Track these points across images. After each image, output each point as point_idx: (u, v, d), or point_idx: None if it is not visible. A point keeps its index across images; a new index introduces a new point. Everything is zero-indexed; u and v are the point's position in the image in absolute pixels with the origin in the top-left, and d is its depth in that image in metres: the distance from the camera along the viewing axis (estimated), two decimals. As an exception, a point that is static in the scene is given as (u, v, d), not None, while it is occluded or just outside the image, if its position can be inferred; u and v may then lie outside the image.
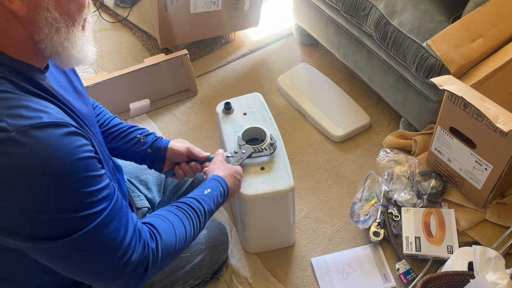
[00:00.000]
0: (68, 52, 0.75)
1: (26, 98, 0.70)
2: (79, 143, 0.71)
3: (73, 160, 0.69)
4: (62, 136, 0.69)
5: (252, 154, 1.22)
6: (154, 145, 1.15)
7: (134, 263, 0.78)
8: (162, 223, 0.87)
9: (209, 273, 1.26)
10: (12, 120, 0.65)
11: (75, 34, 0.75)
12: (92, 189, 0.72)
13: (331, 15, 1.67)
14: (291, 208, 1.29)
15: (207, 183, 1.02)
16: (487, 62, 1.25)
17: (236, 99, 1.39)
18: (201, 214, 0.95)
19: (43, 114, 0.69)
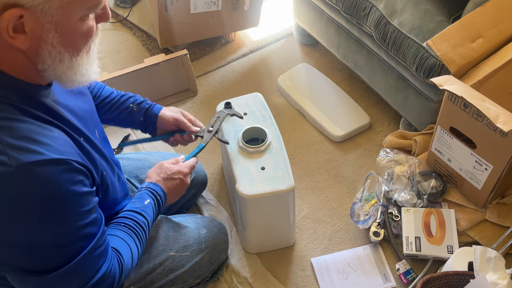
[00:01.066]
0: (71, 79, 0.76)
1: (29, 125, 0.70)
2: (76, 179, 0.73)
3: (72, 196, 0.72)
4: (61, 173, 0.70)
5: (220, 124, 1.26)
6: (146, 113, 1.18)
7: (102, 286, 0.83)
8: (125, 249, 0.91)
9: (208, 272, 1.26)
10: (13, 153, 0.66)
11: (78, 62, 0.75)
12: (84, 222, 0.75)
13: (331, 15, 1.67)
14: (291, 208, 1.29)
15: (145, 193, 1.03)
16: (487, 62, 1.25)
17: (237, 99, 1.39)
18: (146, 227, 0.98)
19: (45, 148, 0.69)
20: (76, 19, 0.70)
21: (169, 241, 1.19)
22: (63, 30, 0.69)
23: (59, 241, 0.73)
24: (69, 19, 0.69)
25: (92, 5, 0.71)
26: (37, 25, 0.67)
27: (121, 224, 0.95)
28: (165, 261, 1.16)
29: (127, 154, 1.42)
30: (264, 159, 1.24)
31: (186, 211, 1.48)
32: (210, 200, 1.53)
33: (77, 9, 0.68)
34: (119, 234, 0.93)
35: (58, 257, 0.74)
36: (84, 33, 0.72)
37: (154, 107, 1.20)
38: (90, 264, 0.79)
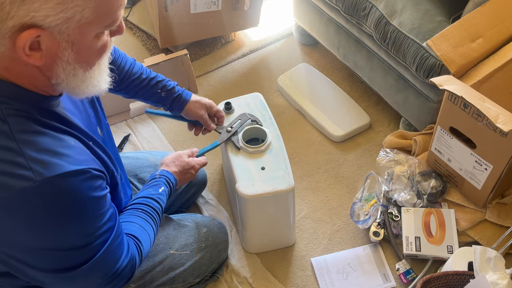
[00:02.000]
0: (83, 91, 0.78)
1: (48, 138, 0.73)
2: (95, 185, 0.77)
3: (92, 202, 0.76)
4: (82, 182, 0.74)
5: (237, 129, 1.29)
6: (174, 102, 1.24)
7: (125, 275, 0.88)
8: (142, 235, 0.96)
9: (208, 271, 1.26)
10: (37, 167, 0.69)
11: (91, 76, 0.76)
12: (102, 222, 0.79)
13: (331, 15, 1.67)
14: (291, 208, 1.29)
15: (160, 181, 1.09)
16: (487, 62, 1.25)
17: (237, 99, 1.39)
18: (160, 213, 1.04)
19: (65, 159, 0.72)
20: (91, 37, 0.71)
21: (169, 240, 1.19)
22: (78, 48, 0.70)
23: (84, 242, 0.77)
24: (85, 38, 0.70)
25: (108, 24, 0.71)
26: (53, 44, 0.67)
27: (138, 210, 1.00)
28: (165, 259, 1.17)
29: (126, 153, 1.42)
30: (264, 159, 1.24)
31: (186, 211, 1.48)
32: (210, 200, 1.53)
33: (93, 28, 0.69)
34: (137, 220, 0.98)
35: (83, 255, 0.78)
36: (99, 49, 0.74)
37: (182, 97, 1.24)
38: (112, 254, 0.83)
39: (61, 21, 0.65)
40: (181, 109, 1.25)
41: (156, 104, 1.25)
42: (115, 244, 0.83)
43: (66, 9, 0.64)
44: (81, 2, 0.65)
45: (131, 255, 0.89)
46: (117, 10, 0.70)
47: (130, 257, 0.88)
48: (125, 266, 0.86)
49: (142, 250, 0.94)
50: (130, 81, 1.18)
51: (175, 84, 1.24)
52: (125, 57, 1.18)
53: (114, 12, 0.70)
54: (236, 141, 1.27)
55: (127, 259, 0.87)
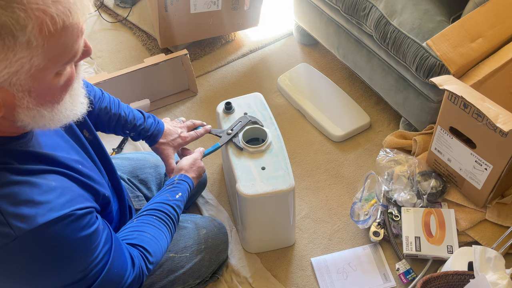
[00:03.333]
0: (56, 124, 0.72)
1: (25, 186, 0.69)
2: (82, 225, 0.74)
3: (78, 244, 0.74)
4: (66, 227, 0.71)
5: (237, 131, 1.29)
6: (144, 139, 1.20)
7: (133, 286, 0.86)
8: (153, 245, 0.94)
9: (208, 272, 1.26)
10: (16, 222, 0.66)
11: (61, 110, 0.70)
12: (95, 254, 0.77)
13: (331, 15, 1.67)
14: (291, 208, 1.29)
15: (179, 187, 1.07)
16: (487, 62, 1.24)
17: (237, 99, 1.39)
18: (176, 221, 1.02)
19: (47, 207, 0.69)
20: (50, 78, 0.65)
21: None
22: (37, 93, 0.65)
23: (80, 276, 0.75)
24: (42, 82, 0.64)
25: (67, 61, 0.65)
26: (8, 96, 0.63)
27: (152, 216, 0.98)
28: (164, 262, 1.16)
29: (127, 154, 1.42)
30: (265, 159, 1.24)
31: (185, 211, 1.48)
32: (210, 200, 1.53)
33: (49, 71, 0.63)
34: (149, 229, 0.96)
35: (81, 285, 0.76)
36: (63, 85, 0.68)
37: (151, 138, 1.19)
38: (113, 275, 0.81)
39: (8, 76, 0.60)
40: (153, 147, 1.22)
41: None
42: (115, 265, 0.81)
43: (10, 64, 0.58)
44: (26, 53, 0.59)
45: (137, 268, 0.87)
46: (74, 45, 0.64)
47: (135, 272, 0.86)
48: (130, 282, 0.85)
49: (150, 260, 0.92)
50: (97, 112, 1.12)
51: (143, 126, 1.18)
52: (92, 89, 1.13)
53: (70, 48, 0.63)
54: (237, 142, 1.27)
55: (132, 275, 0.85)
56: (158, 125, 1.20)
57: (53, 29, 0.59)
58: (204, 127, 1.29)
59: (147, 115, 1.20)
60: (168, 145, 1.20)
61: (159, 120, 1.22)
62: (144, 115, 1.20)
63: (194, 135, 1.26)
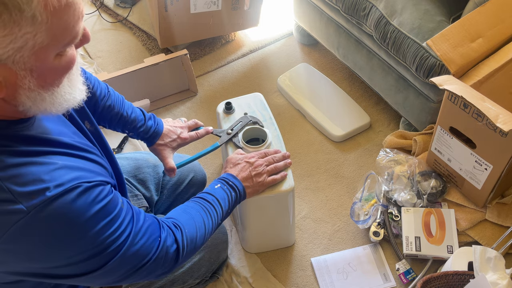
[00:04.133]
0: (56, 109, 0.73)
1: (31, 166, 0.69)
2: (90, 198, 0.74)
3: (90, 217, 0.73)
4: (75, 200, 0.71)
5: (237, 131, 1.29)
6: (143, 138, 1.21)
7: (168, 257, 0.87)
8: (182, 215, 0.95)
9: (208, 272, 1.26)
10: (26, 199, 0.67)
11: (61, 93, 0.72)
12: (114, 227, 0.77)
13: (331, 15, 1.67)
14: (291, 208, 1.29)
15: (215, 181, 1.08)
16: (487, 62, 1.24)
17: (237, 99, 1.39)
18: (216, 204, 1.01)
19: (52, 183, 0.70)
20: (52, 58, 0.66)
21: None
22: (39, 73, 0.66)
23: (98, 249, 0.75)
24: (44, 62, 0.65)
25: (68, 41, 0.66)
26: (10, 74, 0.64)
27: (184, 204, 1.00)
28: None
29: (125, 154, 1.42)
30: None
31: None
32: (210, 200, 1.53)
33: (51, 50, 0.65)
34: (179, 207, 0.98)
35: (101, 259, 0.76)
36: (64, 66, 0.69)
37: (149, 140, 1.20)
38: (139, 248, 0.81)
39: (12, 52, 0.61)
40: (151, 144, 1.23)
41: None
42: (139, 237, 0.81)
43: (15, 39, 0.60)
44: (31, 28, 0.60)
45: (166, 238, 0.87)
46: (75, 26, 0.65)
47: (165, 241, 0.86)
48: (159, 252, 0.84)
49: (183, 229, 0.91)
50: (101, 110, 1.13)
51: (144, 126, 1.19)
52: (97, 82, 1.14)
53: (71, 28, 0.65)
54: (237, 142, 1.27)
55: (160, 245, 0.85)
56: (157, 127, 1.21)
57: (57, 5, 0.61)
58: (205, 127, 1.29)
59: (148, 116, 1.21)
60: (165, 146, 1.21)
61: (159, 121, 1.22)
62: (145, 116, 1.21)
63: (195, 135, 1.26)
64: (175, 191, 1.36)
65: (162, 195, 1.33)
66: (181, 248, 0.89)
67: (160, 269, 0.87)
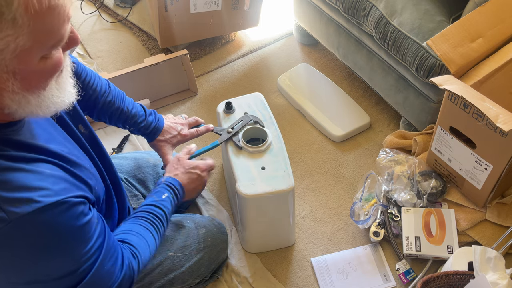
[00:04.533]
0: (44, 112, 0.72)
1: (20, 173, 0.68)
2: (76, 214, 0.73)
3: (72, 230, 0.73)
4: (60, 214, 0.71)
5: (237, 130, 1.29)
6: (144, 134, 1.21)
7: (124, 285, 0.86)
8: (140, 243, 0.94)
9: (208, 272, 1.26)
10: (10, 208, 0.66)
11: (47, 96, 0.70)
12: (90, 245, 0.77)
13: (331, 15, 1.67)
14: (291, 208, 1.29)
15: (161, 187, 1.08)
16: (487, 62, 1.24)
17: (237, 99, 1.39)
18: (164, 219, 1.03)
19: (41, 193, 0.69)
20: (36, 61, 0.64)
21: (167, 241, 1.19)
22: (23, 76, 0.64)
23: (72, 268, 0.75)
24: (28, 65, 0.63)
25: (53, 44, 0.64)
26: None
27: (139, 218, 0.99)
28: (163, 261, 1.16)
29: (125, 154, 1.42)
30: (265, 159, 1.24)
31: (185, 211, 1.48)
32: (210, 200, 1.53)
33: (35, 53, 0.63)
34: (136, 228, 0.97)
35: (73, 279, 0.76)
36: (49, 69, 0.67)
37: (149, 136, 1.21)
38: (104, 271, 0.80)
39: None
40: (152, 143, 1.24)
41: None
42: (107, 260, 0.81)
43: None
44: (12, 31, 0.58)
45: (127, 265, 0.87)
46: (60, 29, 0.63)
47: (125, 268, 0.86)
48: (121, 279, 0.84)
49: (140, 258, 0.92)
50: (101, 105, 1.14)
51: (144, 122, 1.20)
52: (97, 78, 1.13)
53: (56, 31, 0.63)
54: (237, 141, 1.27)
55: (122, 271, 0.85)
56: (158, 123, 1.21)
57: (39, 8, 0.59)
58: (206, 125, 1.30)
59: (149, 112, 1.22)
60: (165, 143, 1.22)
61: (159, 117, 1.23)
62: (145, 112, 1.21)
63: (195, 133, 1.27)
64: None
65: (162, 195, 1.33)
66: (136, 275, 0.90)
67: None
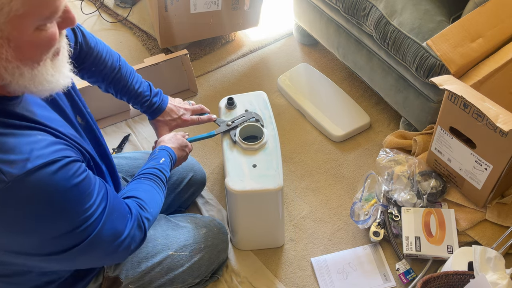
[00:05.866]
0: (38, 89, 0.73)
1: (13, 138, 0.70)
2: (70, 173, 0.74)
3: (68, 189, 0.74)
4: (55, 173, 0.72)
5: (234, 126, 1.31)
6: (146, 111, 1.24)
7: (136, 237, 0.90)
8: (146, 195, 0.98)
9: (208, 272, 1.26)
10: (6, 167, 0.67)
11: (41, 72, 0.71)
12: (89, 204, 0.78)
13: (331, 15, 1.67)
14: (280, 208, 1.29)
15: (159, 154, 1.10)
16: (487, 62, 1.24)
17: (240, 96, 1.41)
18: (165, 181, 1.06)
19: (33, 154, 0.70)
20: (30, 31, 0.64)
21: (168, 240, 1.19)
22: (16, 43, 0.64)
23: (75, 225, 0.76)
24: (22, 32, 0.64)
25: (47, 15, 0.65)
26: None
27: (141, 178, 1.02)
28: (163, 260, 1.16)
29: (125, 153, 1.42)
30: (257, 157, 1.25)
31: (185, 211, 1.48)
32: (210, 200, 1.53)
33: (29, 21, 0.63)
34: (140, 186, 1.00)
35: (77, 236, 0.77)
36: (43, 43, 0.67)
37: (151, 114, 1.24)
38: (110, 227, 0.82)
39: None
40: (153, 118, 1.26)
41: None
42: (114, 216, 0.83)
43: None
44: None
45: (135, 215, 0.89)
46: (54, 0, 0.64)
47: (134, 218, 0.89)
48: (131, 227, 0.87)
49: (148, 209, 0.95)
50: (110, 80, 1.16)
51: (149, 101, 1.22)
52: (109, 52, 1.14)
53: (49, 2, 0.64)
54: (233, 135, 1.28)
55: (131, 221, 0.88)
56: (161, 104, 1.24)
57: None
58: (209, 115, 1.32)
59: (155, 92, 1.24)
60: (164, 124, 1.25)
61: (165, 98, 1.26)
62: (151, 92, 1.23)
63: (196, 120, 1.29)
64: (175, 190, 1.37)
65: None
66: (147, 226, 0.93)
67: (133, 246, 0.89)
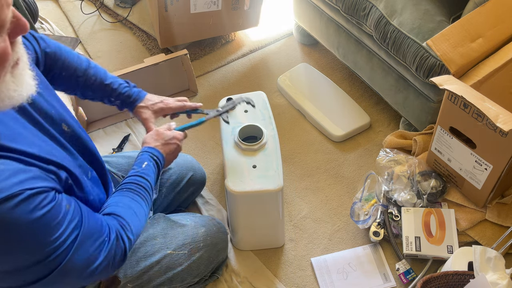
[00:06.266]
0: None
1: None
2: (31, 206, 0.71)
3: (30, 222, 0.70)
4: (14, 207, 0.68)
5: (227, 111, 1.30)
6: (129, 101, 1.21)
7: (116, 256, 0.86)
8: (127, 212, 0.93)
9: (207, 271, 1.26)
10: None
11: (1, 89, 0.67)
12: (57, 234, 0.74)
13: (331, 15, 1.67)
14: (280, 208, 1.29)
15: (142, 157, 1.06)
16: (487, 62, 1.24)
17: (240, 95, 1.40)
18: (149, 188, 1.02)
19: None
20: None
21: (166, 239, 1.19)
22: None
23: (42, 257, 0.73)
24: None
25: None
26: None
27: (123, 190, 0.98)
28: (162, 259, 1.16)
29: (124, 153, 1.42)
30: (257, 158, 1.25)
31: (185, 210, 1.48)
32: (210, 200, 1.53)
33: None
34: (121, 200, 0.96)
35: (48, 266, 0.74)
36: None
37: (132, 105, 1.21)
38: (84, 253, 0.79)
39: None
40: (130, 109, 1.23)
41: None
42: (90, 242, 0.80)
43: None
44: None
45: (114, 238, 0.86)
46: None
47: (112, 241, 0.85)
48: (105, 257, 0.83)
49: (129, 227, 0.91)
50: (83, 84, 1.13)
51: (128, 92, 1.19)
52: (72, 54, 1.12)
53: None
54: (225, 117, 1.27)
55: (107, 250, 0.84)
56: (140, 92, 1.22)
57: None
58: (195, 103, 1.27)
59: (133, 85, 1.22)
60: (146, 109, 1.21)
61: (142, 91, 1.23)
62: (130, 84, 1.21)
63: (181, 104, 1.24)
64: (174, 190, 1.37)
65: (161, 193, 1.33)
66: (127, 245, 0.90)
67: (111, 268, 0.87)
